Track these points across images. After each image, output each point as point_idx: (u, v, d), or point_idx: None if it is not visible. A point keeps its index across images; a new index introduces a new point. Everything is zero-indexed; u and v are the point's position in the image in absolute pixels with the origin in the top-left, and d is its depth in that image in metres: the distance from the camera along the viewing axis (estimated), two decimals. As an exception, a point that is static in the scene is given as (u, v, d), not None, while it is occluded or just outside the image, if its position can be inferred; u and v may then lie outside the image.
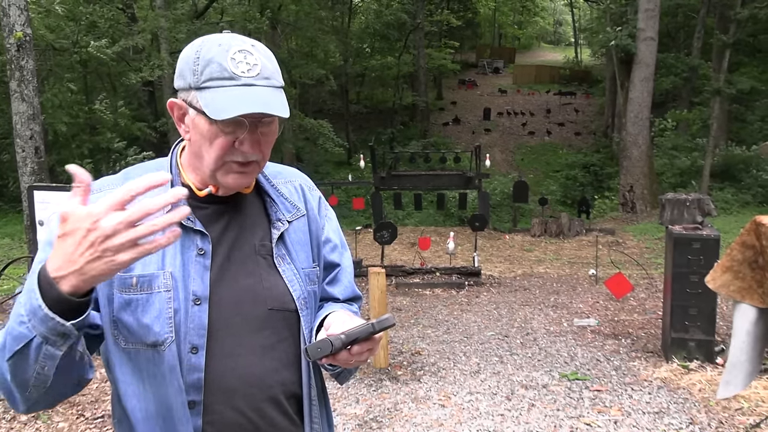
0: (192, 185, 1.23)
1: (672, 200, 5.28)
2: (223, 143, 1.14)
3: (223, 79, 1.12)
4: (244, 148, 1.15)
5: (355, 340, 1.09)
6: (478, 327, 6.24)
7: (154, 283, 1.15)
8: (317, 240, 1.34)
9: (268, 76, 1.15)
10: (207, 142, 1.15)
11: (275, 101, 1.13)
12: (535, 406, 4.20)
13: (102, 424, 3.92)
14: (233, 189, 1.22)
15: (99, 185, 1.23)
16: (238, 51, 1.13)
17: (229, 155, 1.15)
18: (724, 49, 16.61)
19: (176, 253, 1.17)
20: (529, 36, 54.43)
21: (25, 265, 7.52)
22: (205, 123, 1.14)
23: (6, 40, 6.86)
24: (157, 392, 1.15)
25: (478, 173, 10.98)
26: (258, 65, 1.14)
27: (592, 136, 26.97)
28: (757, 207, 15.04)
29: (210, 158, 1.16)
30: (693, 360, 4.84)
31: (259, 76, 1.13)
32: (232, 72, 1.12)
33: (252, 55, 1.14)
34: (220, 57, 1.12)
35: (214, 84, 1.12)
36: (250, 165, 1.18)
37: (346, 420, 4.01)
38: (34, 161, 6.96)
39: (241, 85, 1.12)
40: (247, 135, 1.14)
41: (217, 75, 1.12)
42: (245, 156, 1.16)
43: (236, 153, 1.15)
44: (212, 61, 1.12)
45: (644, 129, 16.57)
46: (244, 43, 1.15)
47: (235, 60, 1.13)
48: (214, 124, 1.13)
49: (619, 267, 8.37)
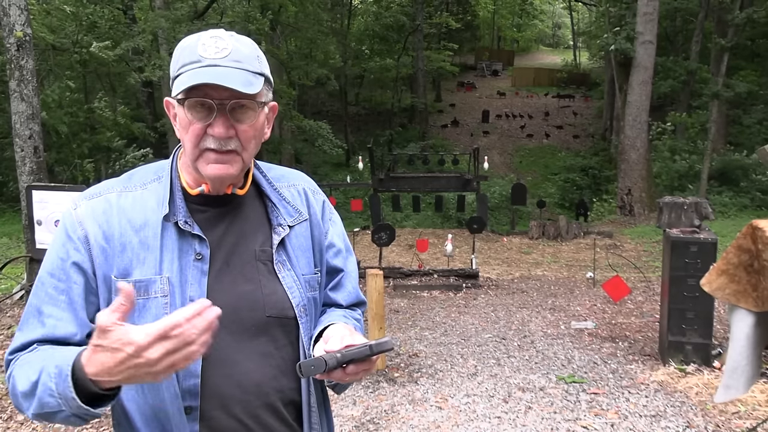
0: (186, 185, 1.22)
1: (670, 203, 5.29)
2: (196, 129, 1.14)
3: (192, 63, 1.13)
4: (215, 131, 1.13)
5: (351, 360, 1.07)
6: (476, 329, 6.25)
7: (150, 288, 1.15)
8: (320, 245, 1.32)
9: (239, 59, 1.14)
10: (185, 131, 1.16)
11: (234, 77, 1.12)
12: (532, 409, 4.20)
13: (99, 424, 3.92)
14: (216, 180, 1.18)
15: (99, 189, 1.23)
16: (209, 37, 1.14)
17: (203, 142, 1.15)
18: (723, 53, 16.65)
19: (174, 258, 1.16)
20: (527, 39, 54.54)
21: (23, 264, 7.51)
22: (180, 111, 1.15)
23: (6, 40, 6.86)
24: (154, 397, 1.15)
25: (476, 175, 11.00)
26: (228, 49, 1.14)
27: (590, 139, 27.03)
28: (755, 211, 15.08)
29: (188, 147, 1.16)
30: (690, 363, 4.85)
31: (227, 59, 1.13)
32: (200, 55, 1.13)
33: (224, 40, 1.15)
34: (193, 44, 1.15)
35: (185, 69, 1.13)
36: (228, 154, 1.16)
37: (342, 422, 4.02)
38: (33, 161, 6.95)
39: (204, 66, 1.12)
40: (217, 118, 1.13)
41: (187, 60, 1.13)
42: (219, 142, 1.14)
43: (210, 139, 1.14)
44: (186, 48, 1.15)
45: (642, 132, 16.60)
46: (218, 32, 1.16)
47: (205, 45, 1.14)
48: (186, 110, 1.13)
49: (616, 270, 8.38)
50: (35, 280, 1.22)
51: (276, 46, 19.12)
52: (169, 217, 1.18)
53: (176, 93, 1.15)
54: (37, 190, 6.48)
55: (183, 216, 1.19)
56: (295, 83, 20.12)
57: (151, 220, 1.18)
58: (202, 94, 1.12)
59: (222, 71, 1.11)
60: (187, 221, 1.18)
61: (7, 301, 7.08)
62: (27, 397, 1.08)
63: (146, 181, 1.23)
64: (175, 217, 1.18)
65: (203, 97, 1.12)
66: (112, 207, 1.19)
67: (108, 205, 1.20)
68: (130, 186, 1.23)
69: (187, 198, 1.22)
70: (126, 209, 1.19)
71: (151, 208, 1.19)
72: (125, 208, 1.19)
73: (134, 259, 1.16)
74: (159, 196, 1.20)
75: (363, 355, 1.07)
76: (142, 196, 1.21)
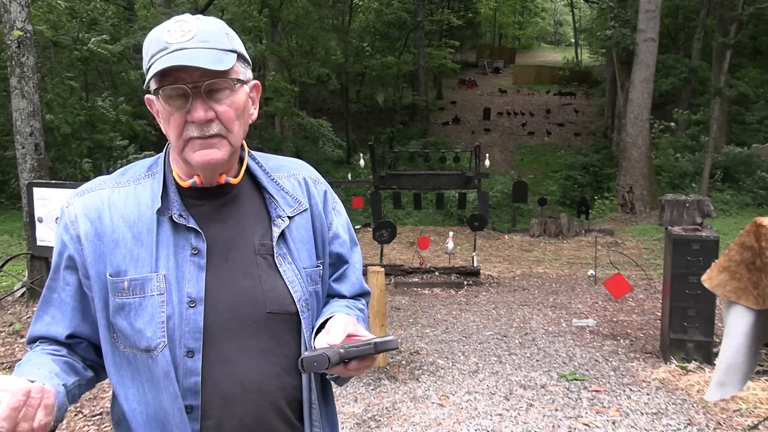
0: (177, 178, 1.20)
1: (671, 201, 5.28)
2: (177, 119, 1.12)
3: (159, 52, 1.11)
4: (194, 116, 1.11)
5: (353, 357, 1.06)
6: (477, 327, 6.24)
7: (146, 286, 1.13)
8: (322, 236, 1.29)
9: (206, 39, 1.11)
10: (167, 124, 1.14)
11: (201, 56, 1.09)
12: (533, 406, 4.20)
13: (100, 421, 3.92)
14: (205, 167, 1.15)
15: (92, 185, 1.22)
16: (174, 22, 1.12)
17: (186, 131, 1.12)
18: (725, 51, 16.61)
19: (170, 255, 1.14)
20: (529, 36, 54.49)
21: (24, 261, 7.52)
22: (159, 105, 1.13)
23: (6, 37, 6.85)
24: (154, 397, 1.14)
25: (477, 173, 10.98)
26: (193, 31, 1.11)
27: (591, 137, 27.00)
28: (757, 209, 15.05)
29: (173, 139, 1.14)
30: (691, 361, 4.85)
31: (193, 40, 1.11)
32: (166, 42, 1.10)
33: (188, 23, 1.12)
34: (159, 33, 1.13)
35: (154, 60, 1.11)
36: (212, 138, 1.13)
37: (344, 419, 4.01)
38: (34, 158, 6.95)
39: (171, 51, 1.09)
40: (194, 102, 1.11)
41: (155, 50, 1.11)
42: (201, 128, 1.12)
43: (192, 127, 1.12)
44: (153, 39, 1.13)
45: (644, 130, 16.57)
46: (183, 16, 1.14)
47: (171, 31, 1.11)
48: (163, 102, 1.11)
49: (618, 268, 8.37)
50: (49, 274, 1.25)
51: (277, 42, 19.12)
52: (163, 212, 1.16)
53: (149, 85, 1.13)
54: (38, 187, 6.48)
55: (177, 210, 1.16)
56: (297, 80, 20.10)
57: (145, 216, 1.16)
58: (173, 80, 1.10)
59: (189, 53, 1.09)
60: (181, 214, 1.16)
61: (9, 298, 7.08)
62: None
63: (139, 177, 1.22)
64: (169, 212, 1.16)
65: (175, 83, 1.10)
66: (105, 203, 1.18)
67: (100, 202, 1.18)
68: (123, 182, 1.21)
69: (182, 192, 1.19)
70: (119, 205, 1.18)
71: (145, 203, 1.17)
72: (118, 205, 1.18)
73: (128, 255, 1.14)
74: (152, 191, 1.18)
75: (366, 353, 1.05)
76: (135, 191, 1.19)
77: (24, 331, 5.81)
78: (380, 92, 26.95)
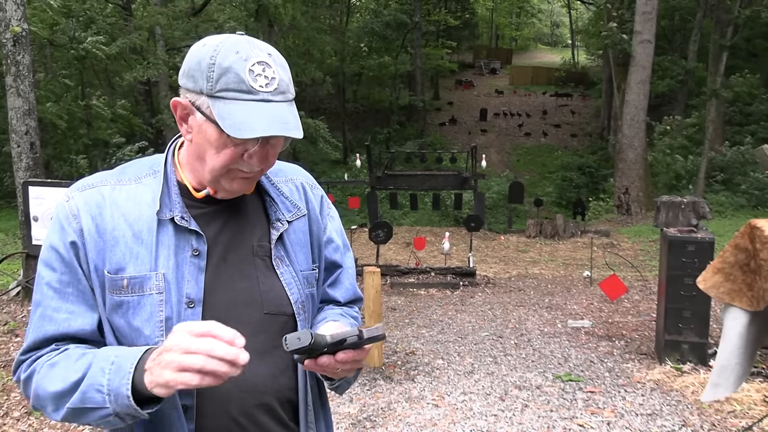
0: (189, 185, 1.20)
1: (667, 203, 5.29)
2: (232, 153, 1.11)
3: (241, 92, 1.07)
4: (253, 161, 1.12)
5: (341, 342, 1.04)
6: (473, 327, 6.25)
7: (145, 285, 1.13)
8: (318, 240, 1.31)
9: (284, 90, 1.11)
10: (213, 150, 1.12)
11: (292, 121, 1.09)
12: (528, 407, 4.20)
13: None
14: (237, 194, 1.19)
15: (93, 181, 1.21)
16: (257, 62, 1.08)
17: (236, 164, 1.13)
18: (721, 52, 16.65)
19: (170, 255, 1.14)
20: (526, 37, 54.61)
21: (19, 260, 7.50)
22: (214, 131, 1.10)
23: (2, 35, 6.83)
24: None
25: (474, 174, 11.00)
26: (276, 78, 1.09)
27: (588, 138, 27.07)
28: (752, 210, 15.09)
29: (215, 165, 1.13)
30: (686, 362, 4.86)
31: (276, 91, 1.09)
32: (250, 86, 1.07)
33: (270, 67, 1.09)
34: (238, 67, 1.07)
35: (230, 95, 1.07)
36: (256, 175, 1.18)
37: (339, 419, 4.02)
38: (30, 156, 6.93)
39: (259, 100, 1.07)
40: (257, 149, 1.11)
41: (234, 86, 1.07)
42: (251, 167, 1.13)
43: (243, 163, 1.13)
44: (229, 70, 1.07)
45: (640, 131, 16.60)
46: (261, 53, 1.10)
47: (254, 72, 1.07)
48: (225, 134, 1.08)
49: (613, 269, 8.39)
50: (35, 276, 1.19)
51: (274, 43, 19.09)
52: (165, 213, 1.16)
53: (229, 126, 1.06)
54: (34, 186, 6.46)
55: (180, 211, 1.17)
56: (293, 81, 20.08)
57: (146, 215, 1.16)
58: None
59: (278, 112, 1.08)
60: (183, 216, 1.16)
61: (4, 297, 7.06)
62: (61, 397, 1.06)
63: (140, 175, 1.21)
64: (171, 213, 1.16)
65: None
66: (106, 200, 1.17)
67: (101, 198, 1.17)
68: (124, 179, 1.21)
69: (184, 194, 1.20)
70: (120, 203, 1.17)
71: (146, 203, 1.17)
72: (119, 202, 1.17)
73: (127, 253, 1.14)
74: (154, 191, 1.18)
75: (352, 338, 1.04)
76: (136, 190, 1.19)
77: (19, 330, 5.79)
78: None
